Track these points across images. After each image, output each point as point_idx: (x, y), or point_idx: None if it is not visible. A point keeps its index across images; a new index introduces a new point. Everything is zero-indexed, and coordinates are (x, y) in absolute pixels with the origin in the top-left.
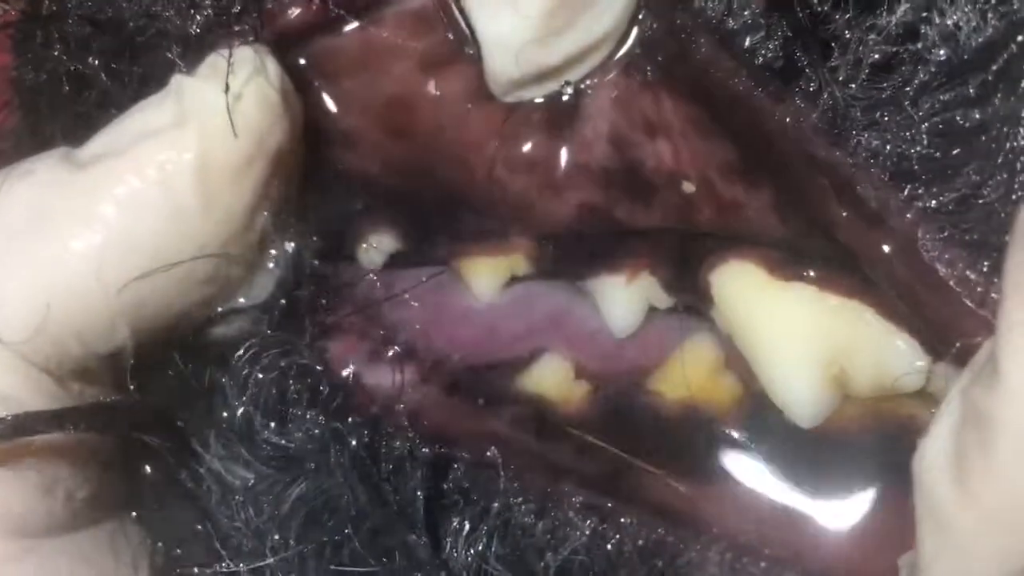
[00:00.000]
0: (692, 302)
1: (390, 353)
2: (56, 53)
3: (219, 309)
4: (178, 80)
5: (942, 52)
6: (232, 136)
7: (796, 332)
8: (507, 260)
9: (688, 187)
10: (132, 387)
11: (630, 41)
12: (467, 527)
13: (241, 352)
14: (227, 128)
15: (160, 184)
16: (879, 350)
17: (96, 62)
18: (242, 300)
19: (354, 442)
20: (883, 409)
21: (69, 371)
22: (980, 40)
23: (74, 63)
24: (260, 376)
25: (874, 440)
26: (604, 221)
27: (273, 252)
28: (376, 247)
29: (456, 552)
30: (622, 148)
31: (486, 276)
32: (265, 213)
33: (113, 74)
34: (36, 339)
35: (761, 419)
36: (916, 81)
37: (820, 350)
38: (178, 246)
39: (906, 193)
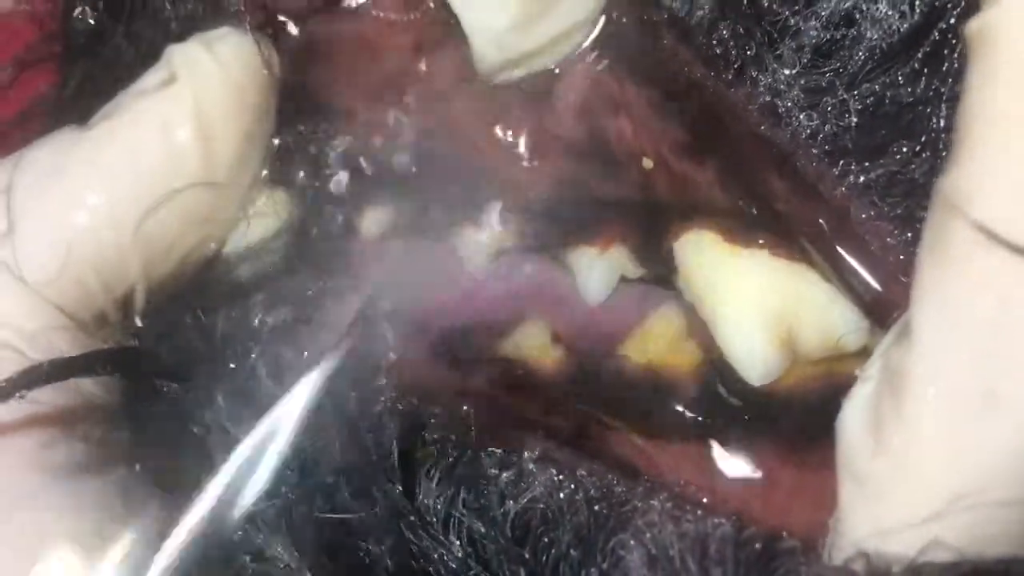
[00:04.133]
0: (660, 273)
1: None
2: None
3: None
4: (169, 49)
5: (874, 38)
6: (219, 88)
7: (749, 294)
8: (496, 234)
9: (647, 163)
10: (141, 325)
11: (598, 29)
12: (438, 477)
13: (246, 311)
14: (215, 81)
15: (160, 130)
16: (823, 310)
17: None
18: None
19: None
20: (832, 370)
21: (90, 316)
22: (906, 26)
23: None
24: (263, 332)
25: (821, 400)
26: (579, 192)
27: (268, 204)
28: (373, 220)
29: (427, 500)
30: (589, 123)
31: (477, 249)
32: (255, 162)
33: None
34: (60, 280)
35: (719, 383)
36: (851, 66)
37: (770, 310)
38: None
39: (839, 169)
